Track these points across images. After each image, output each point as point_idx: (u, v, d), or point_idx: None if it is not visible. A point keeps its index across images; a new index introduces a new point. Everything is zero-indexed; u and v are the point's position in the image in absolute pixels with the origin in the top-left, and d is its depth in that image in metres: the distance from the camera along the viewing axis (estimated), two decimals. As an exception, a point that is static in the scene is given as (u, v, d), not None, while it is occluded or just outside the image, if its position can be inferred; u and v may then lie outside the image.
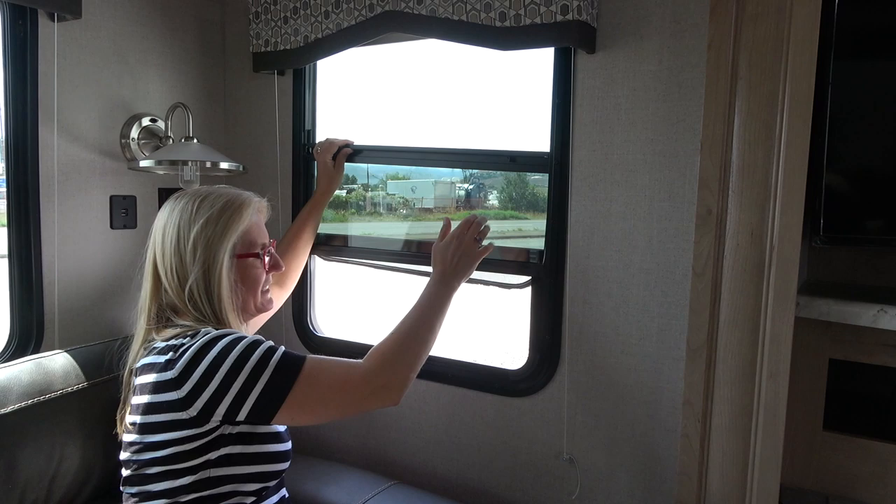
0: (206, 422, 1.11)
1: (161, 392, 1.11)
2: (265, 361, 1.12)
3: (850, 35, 1.19)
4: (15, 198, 1.62)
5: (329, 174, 1.81)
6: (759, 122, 1.12)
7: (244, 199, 1.31)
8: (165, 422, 1.11)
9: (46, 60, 1.61)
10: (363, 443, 1.94)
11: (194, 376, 1.09)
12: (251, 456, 1.19)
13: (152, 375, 1.13)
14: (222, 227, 1.24)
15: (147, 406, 1.13)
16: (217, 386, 1.09)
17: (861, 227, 1.25)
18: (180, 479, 1.13)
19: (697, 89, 1.37)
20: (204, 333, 1.15)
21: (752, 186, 1.13)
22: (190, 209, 1.26)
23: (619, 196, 1.49)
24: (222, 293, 1.24)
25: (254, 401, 1.10)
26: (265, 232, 1.37)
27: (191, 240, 1.22)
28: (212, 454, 1.14)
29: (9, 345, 1.64)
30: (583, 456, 1.60)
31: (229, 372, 1.09)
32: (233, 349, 1.12)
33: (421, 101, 3.01)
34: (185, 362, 1.10)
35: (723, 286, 1.17)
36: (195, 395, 1.09)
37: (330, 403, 1.17)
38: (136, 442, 1.16)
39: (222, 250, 1.23)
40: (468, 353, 1.78)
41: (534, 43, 1.45)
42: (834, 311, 1.21)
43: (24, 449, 1.31)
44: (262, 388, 1.10)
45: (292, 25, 1.81)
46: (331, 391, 1.16)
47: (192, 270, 1.22)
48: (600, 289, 1.54)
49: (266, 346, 1.14)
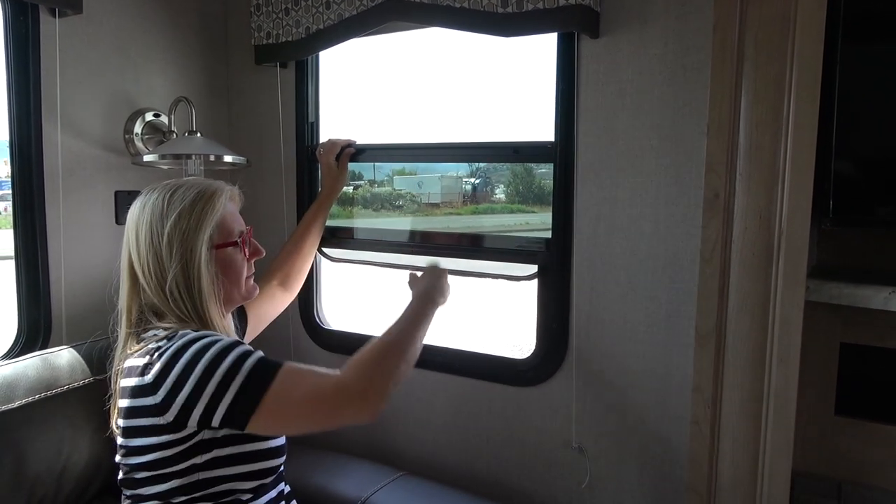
0: (182, 428, 1.08)
1: (139, 397, 1.10)
2: (237, 367, 1.07)
3: (858, 16, 1.17)
4: (20, 195, 1.62)
5: (333, 175, 1.80)
6: (766, 105, 1.10)
7: (215, 189, 1.26)
8: (145, 426, 1.09)
9: (48, 56, 1.61)
10: (371, 435, 1.94)
11: (168, 382, 1.06)
12: (242, 455, 1.16)
13: (133, 379, 1.11)
14: (196, 218, 1.20)
15: (128, 410, 1.11)
16: (189, 392, 1.05)
17: (871, 209, 1.23)
18: (168, 482, 1.11)
19: (703, 72, 1.35)
20: (181, 336, 1.12)
21: (760, 169, 1.11)
22: (161, 204, 1.21)
23: (625, 182, 1.48)
24: (203, 287, 1.20)
25: (226, 407, 1.05)
26: (240, 219, 1.32)
27: (165, 235, 1.18)
28: (197, 458, 1.11)
29: (17, 341, 1.65)
30: (592, 444, 1.59)
31: (201, 377, 1.05)
32: (205, 353, 1.08)
33: (423, 93, 3.00)
34: (159, 367, 1.08)
35: (731, 271, 1.16)
36: (169, 401, 1.06)
37: (304, 412, 1.11)
38: (123, 445, 1.15)
39: (199, 242, 1.19)
40: (476, 344, 1.78)
41: (537, 28, 1.44)
42: (844, 295, 1.19)
43: (33, 444, 1.31)
44: (234, 395, 1.05)
45: (294, 17, 1.80)
46: (305, 399, 1.10)
47: (170, 267, 1.18)
48: (607, 276, 1.53)
49: (240, 350, 1.10)
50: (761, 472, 1.16)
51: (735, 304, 1.16)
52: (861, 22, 1.18)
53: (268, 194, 2.00)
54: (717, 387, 1.19)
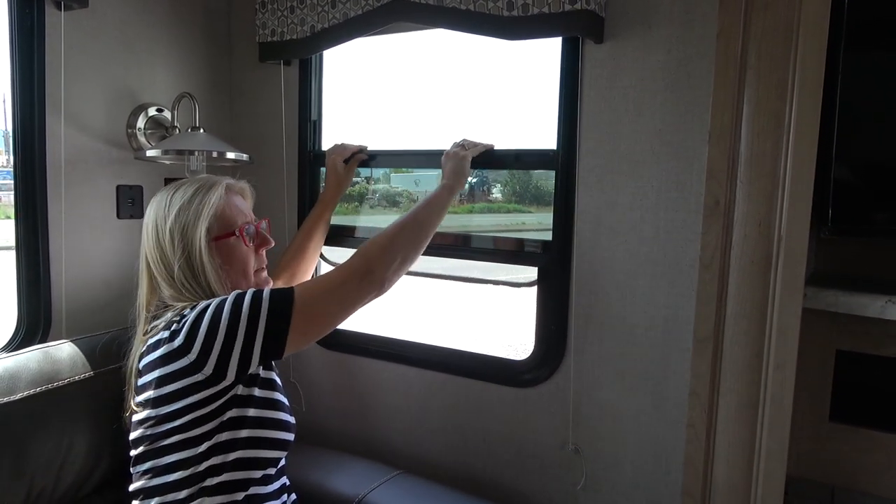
0: (221, 379, 1.15)
1: (171, 362, 1.16)
2: (257, 304, 1.15)
3: (861, 25, 1.18)
4: (22, 188, 1.62)
5: (339, 175, 1.80)
6: (768, 113, 1.11)
7: (213, 182, 1.33)
8: (181, 388, 1.15)
9: (53, 50, 1.61)
10: (368, 433, 1.94)
11: (198, 339, 1.13)
12: (258, 420, 1.23)
13: (159, 350, 1.17)
14: (194, 212, 1.27)
15: (160, 379, 1.17)
16: (223, 342, 1.13)
17: (869, 218, 1.24)
18: (198, 446, 1.17)
19: (706, 79, 1.36)
20: (199, 303, 1.20)
21: (761, 177, 1.12)
22: (165, 202, 1.30)
23: (626, 186, 1.49)
24: (209, 277, 1.27)
25: (261, 341, 1.14)
26: (245, 211, 1.38)
27: (167, 231, 1.27)
28: (228, 414, 1.19)
29: (16, 334, 1.65)
30: (588, 446, 1.60)
31: (229, 325, 1.13)
32: (224, 304, 1.16)
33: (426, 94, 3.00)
34: (187, 329, 1.15)
35: (730, 277, 1.16)
36: (204, 357, 1.13)
37: (328, 310, 1.22)
38: (149, 417, 1.19)
39: (197, 235, 1.26)
40: (470, 344, 1.77)
41: (541, 32, 1.44)
42: (842, 302, 1.20)
43: (33, 436, 1.32)
44: (265, 327, 1.14)
45: (299, 15, 1.81)
46: (324, 298, 1.22)
47: (175, 259, 1.26)
48: (607, 279, 1.53)
49: (253, 291, 1.19)
50: (756, 476, 1.17)
51: (733, 310, 1.16)
52: (864, 31, 1.19)
53: (269, 191, 2.00)
54: (714, 391, 1.20)
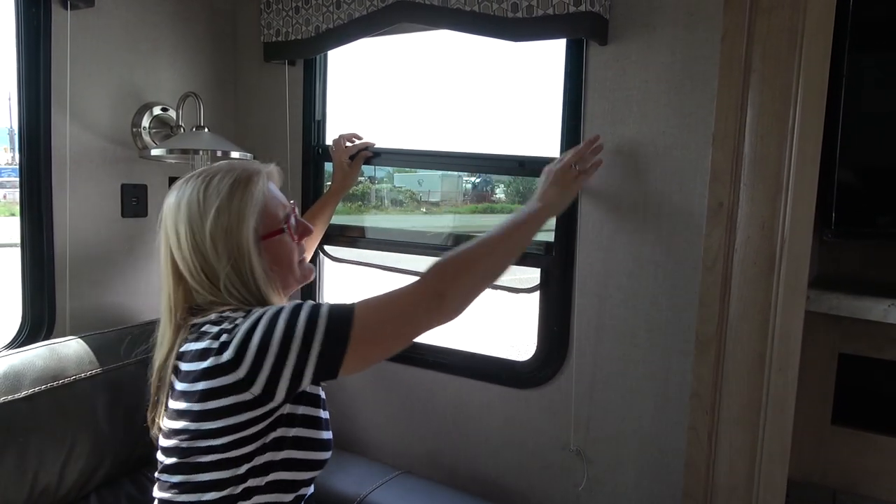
0: (270, 399, 1.03)
1: (217, 376, 1.03)
2: (313, 323, 1.03)
3: (866, 28, 1.18)
4: (28, 185, 1.63)
5: (344, 172, 1.80)
6: (771, 115, 1.11)
7: (251, 173, 1.17)
8: (227, 406, 1.03)
9: (59, 48, 1.61)
10: (370, 432, 1.95)
11: (249, 355, 1.01)
12: (297, 441, 1.12)
13: (206, 362, 1.05)
14: (237, 212, 1.12)
15: (205, 392, 1.04)
16: (273, 362, 1.01)
17: (873, 222, 1.24)
18: (237, 467, 1.07)
19: (710, 82, 1.36)
20: (252, 313, 1.07)
21: (764, 179, 1.12)
22: (197, 198, 1.13)
23: (629, 188, 1.49)
24: (258, 280, 1.14)
25: (315, 363, 1.02)
26: (282, 199, 1.24)
27: (207, 236, 1.11)
28: (268, 437, 1.08)
29: (20, 331, 1.66)
30: (590, 447, 1.60)
31: (281, 345, 1.01)
32: (278, 320, 1.03)
33: (430, 95, 3.00)
34: (237, 344, 1.02)
35: (733, 279, 1.17)
36: (255, 373, 1.01)
37: (388, 335, 1.08)
38: (186, 430, 1.07)
39: (244, 237, 1.12)
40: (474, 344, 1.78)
41: (546, 34, 1.45)
42: (844, 306, 1.20)
43: (37, 434, 1.32)
44: (319, 348, 1.02)
45: (303, 15, 1.81)
46: (390, 318, 1.08)
47: (221, 267, 1.12)
48: (610, 281, 1.54)
49: (309, 306, 1.06)
50: (757, 479, 1.17)
51: (736, 313, 1.17)
52: (869, 33, 1.19)
53: (273, 191, 2.01)
54: (716, 393, 1.20)
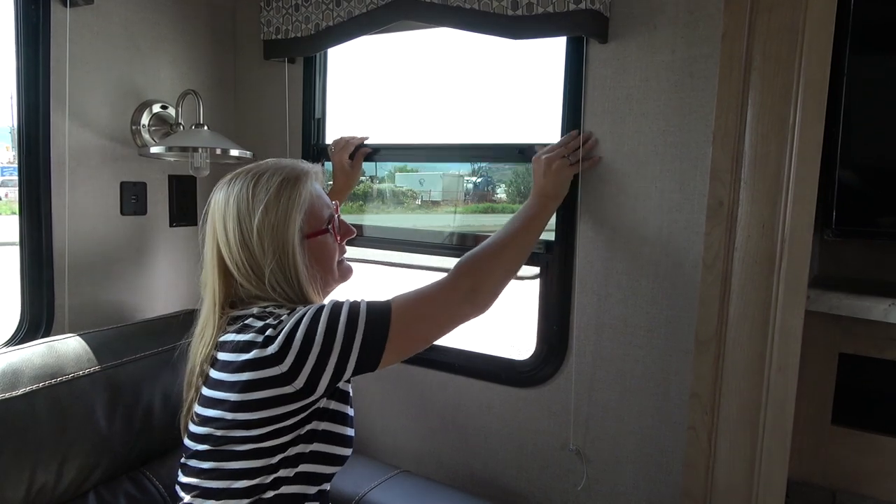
0: (312, 392, 1.09)
1: (262, 368, 1.08)
2: (354, 318, 1.10)
3: (867, 27, 1.17)
4: (27, 183, 1.63)
5: (346, 173, 1.80)
6: (772, 114, 1.11)
7: (299, 173, 1.22)
8: (268, 398, 1.08)
9: (59, 46, 1.61)
10: (370, 431, 1.94)
11: (293, 349, 1.07)
12: (327, 435, 1.18)
13: (249, 354, 1.09)
14: (284, 210, 1.17)
15: (247, 383, 1.09)
16: (318, 353, 1.07)
17: (874, 221, 1.24)
18: (270, 457, 1.12)
19: (711, 80, 1.36)
20: (297, 310, 1.14)
21: (765, 178, 1.12)
22: (246, 195, 1.18)
23: (629, 187, 1.49)
24: (300, 278, 1.19)
25: (356, 356, 1.09)
26: (327, 200, 1.28)
27: (255, 231, 1.16)
28: (303, 429, 1.14)
29: (19, 329, 1.66)
30: (589, 447, 1.60)
31: (325, 340, 1.07)
32: (321, 316, 1.10)
33: (430, 91, 3.00)
34: (282, 339, 1.07)
35: (733, 278, 1.16)
36: (298, 367, 1.07)
37: (424, 328, 1.17)
38: (222, 418, 1.11)
39: (290, 235, 1.18)
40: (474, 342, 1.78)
41: (546, 32, 1.44)
42: (844, 305, 1.20)
43: (35, 432, 1.32)
44: (360, 343, 1.09)
45: (303, 13, 1.81)
46: (426, 313, 1.17)
47: (266, 262, 1.17)
48: (609, 280, 1.53)
49: (350, 303, 1.13)
50: (757, 479, 1.17)
51: (736, 312, 1.16)
52: (869, 33, 1.18)
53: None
54: (716, 393, 1.20)
